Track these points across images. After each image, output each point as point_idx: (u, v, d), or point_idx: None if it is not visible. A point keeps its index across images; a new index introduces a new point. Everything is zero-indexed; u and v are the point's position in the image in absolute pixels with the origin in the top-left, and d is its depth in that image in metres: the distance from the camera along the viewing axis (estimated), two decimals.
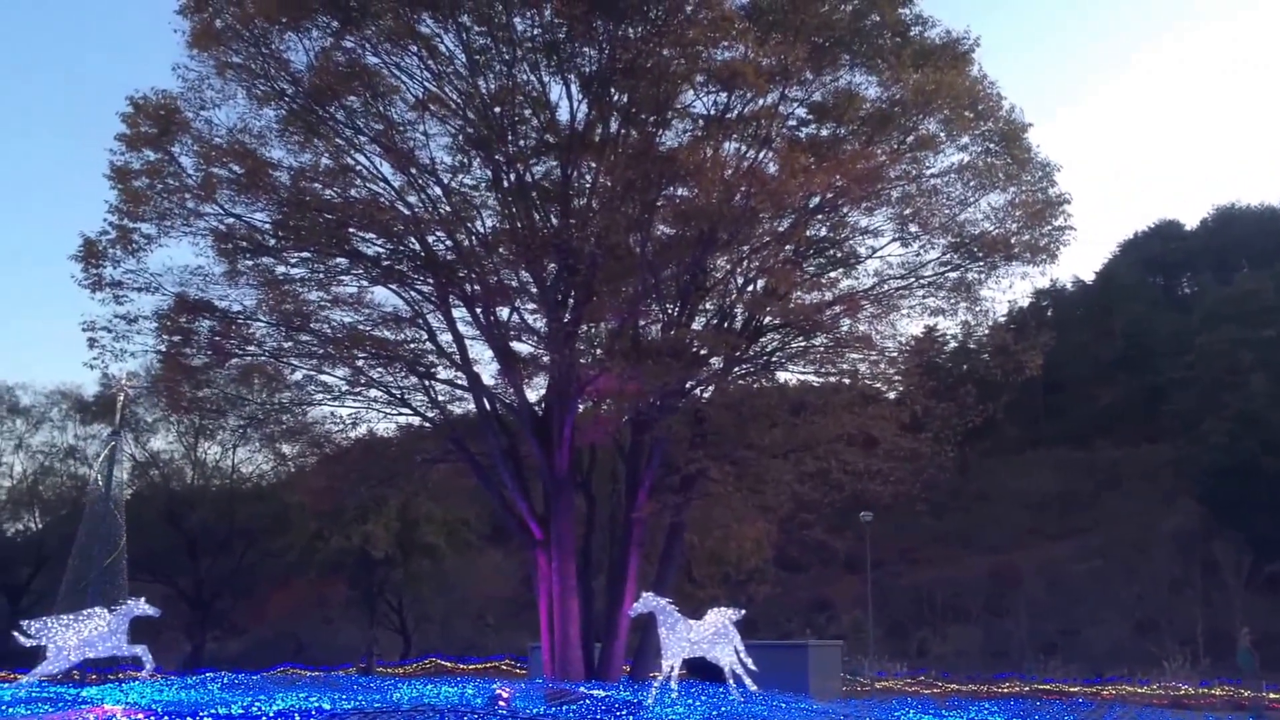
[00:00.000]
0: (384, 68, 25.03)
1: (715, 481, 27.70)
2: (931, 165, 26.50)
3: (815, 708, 18.22)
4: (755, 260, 26.96)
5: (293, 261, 26.84)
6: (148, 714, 13.77)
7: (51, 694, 21.38)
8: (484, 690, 21.25)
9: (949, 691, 39.17)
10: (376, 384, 28.30)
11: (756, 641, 23.78)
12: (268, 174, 25.42)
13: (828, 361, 28.08)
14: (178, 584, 57.92)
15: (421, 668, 48.83)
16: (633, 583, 27.15)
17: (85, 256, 25.10)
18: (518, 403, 27.45)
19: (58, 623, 23.27)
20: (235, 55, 24.53)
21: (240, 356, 27.44)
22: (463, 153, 26.28)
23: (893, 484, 27.46)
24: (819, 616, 63.11)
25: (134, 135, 24.80)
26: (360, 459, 31.32)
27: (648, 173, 24.41)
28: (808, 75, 25.47)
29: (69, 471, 61.73)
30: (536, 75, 25.50)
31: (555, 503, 26.55)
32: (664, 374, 24.53)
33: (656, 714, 15.70)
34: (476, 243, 26.64)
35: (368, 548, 53.22)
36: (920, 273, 27.32)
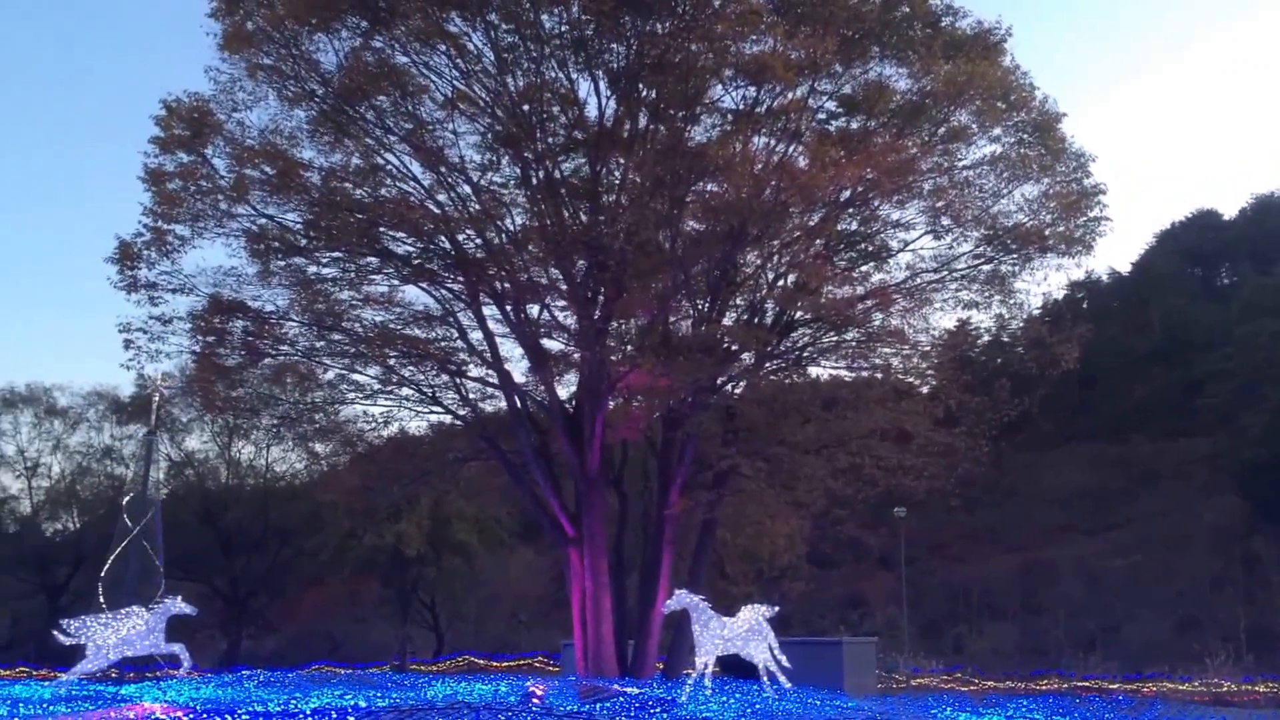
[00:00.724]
0: (413, 67, 25.07)
1: (747, 478, 27.59)
2: (964, 157, 26.28)
3: (850, 705, 18.06)
4: (786, 255, 26.81)
5: (324, 261, 26.97)
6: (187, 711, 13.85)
7: (91, 692, 21.62)
8: (518, 688, 21.29)
9: (986, 688, 38.84)
10: (408, 382, 28.40)
11: (790, 638, 23.69)
12: (299, 174, 25.55)
13: (860, 356, 27.84)
14: (213, 582, 58.47)
15: (455, 665, 49.04)
16: (665, 580, 27.09)
17: (121, 258, 25.34)
18: (549, 400, 27.44)
19: (96, 621, 23.52)
20: (266, 57, 24.68)
21: (273, 356, 27.62)
22: (492, 150, 26.29)
23: (926, 479, 27.24)
24: (852, 613, 62.73)
25: (167, 138, 25.02)
26: (392, 457, 31.45)
27: (677, 168, 24.33)
28: (837, 68, 25.27)
29: (106, 471, 62.49)
30: (564, 72, 25.46)
31: (587, 500, 26.52)
32: (695, 370, 24.45)
33: (691, 711, 15.64)
34: (506, 240, 26.65)
35: (400, 546, 53.47)
36: (953, 266, 27.05)
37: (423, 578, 57.49)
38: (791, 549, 46.79)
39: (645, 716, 15.01)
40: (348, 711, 13.13)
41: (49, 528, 64.85)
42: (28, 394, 62.25)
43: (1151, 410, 78.62)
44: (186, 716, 13.09)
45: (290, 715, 13.07)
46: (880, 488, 28.13)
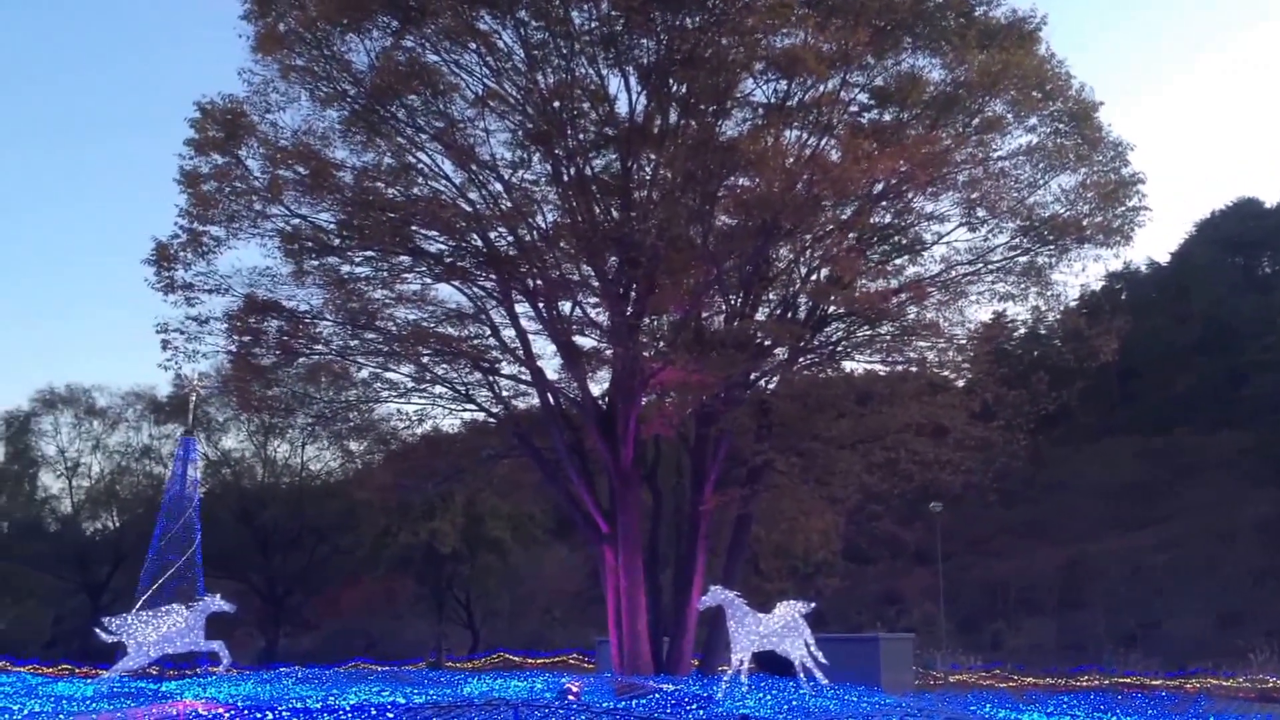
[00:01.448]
0: (443, 65, 25.16)
1: (782, 473, 27.47)
2: (999, 147, 25.98)
3: (888, 701, 17.90)
4: (818, 249, 26.65)
5: (357, 260, 27.13)
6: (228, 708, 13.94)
7: (132, 689, 21.83)
8: (553, 684, 21.29)
9: (1025, 685, 38.45)
10: (441, 380, 28.49)
11: (826, 635, 23.52)
12: (332, 174, 25.70)
13: (895, 350, 27.60)
14: (251, 580, 58.96)
15: (490, 662, 49.17)
16: (700, 576, 27.02)
17: (157, 260, 25.60)
18: (581, 397, 27.43)
19: (137, 619, 23.76)
20: (298, 58, 24.84)
21: (308, 355, 27.80)
22: (522, 148, 26.32)
23: (963, 474, 26.99)
24: (889, 609, 62.33)
25: (202, 140, 25.26)
26: (426, 455, 31.59)
27: (708, 163, 24.23)
28: (869, 60, 25.08)
29: (145, 471, 63.18)
30: (594, 68, 25.43)
31: (621, 497, 26.50)
32: (728, 366, 24.35)
33: (727, 708, 15.55)
34: (538, 237, 26.67)
35: (435, 543, 53.69)
36: (989, 258, 26.77)
37: (457, 575, 57.70)
38: (826, 545, 46.53)
39: (682, 713, 14.93)
40: (387, 708, 13.15)
41: (89, 527, 65.68)
42: (67, 395, 63.06)
43: (1194, 402, 77.48)
44: (228, 713, 13.16)
45: (331, 711, 13.12)
46: (916, 483, 27.90)
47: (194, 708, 15.54)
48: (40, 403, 62.88)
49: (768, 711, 14.96)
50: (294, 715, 12.87)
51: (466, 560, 56.31)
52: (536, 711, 12.94)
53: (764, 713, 14.78)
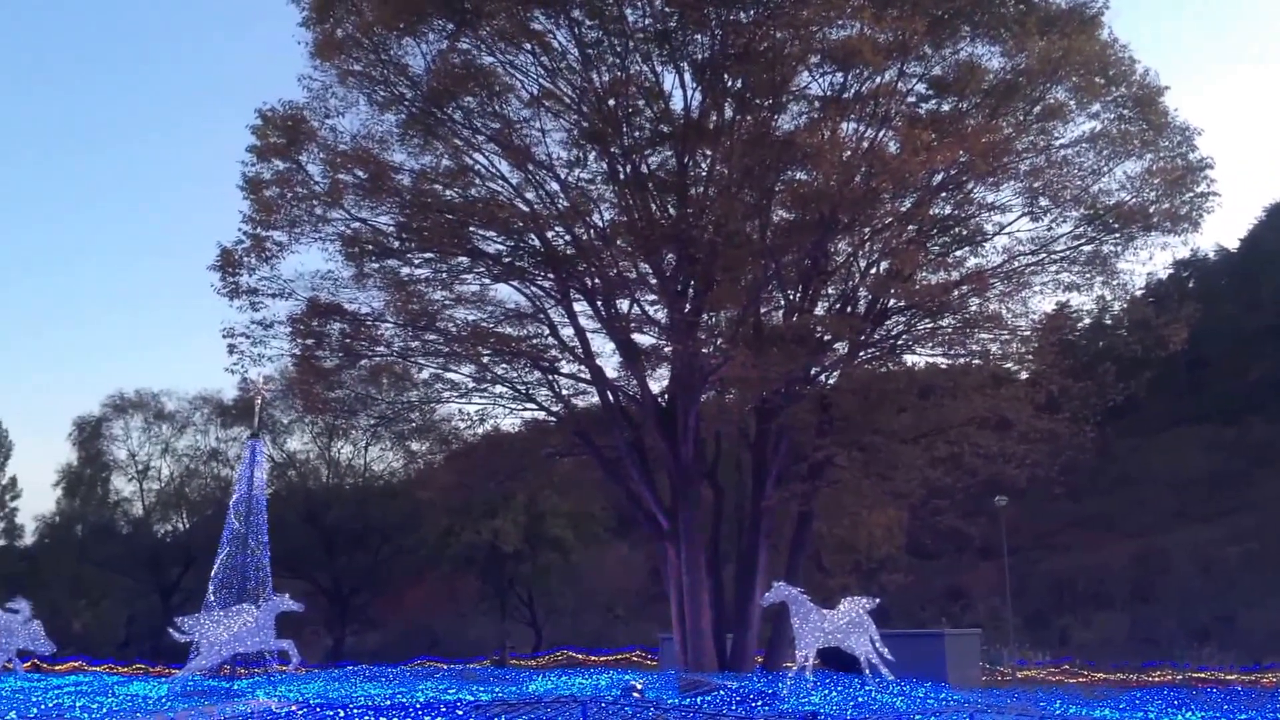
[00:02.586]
0: (499, 66, 25.33)
1: (843, 469, 27.25)
2: (1061, 135, 25.53)
3: (955, 697, 17.68)
4: (877, 242, 26.40)
5: (417, 262, 27.40)
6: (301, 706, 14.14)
7: (205, 688, 22.26)
8: (618, 682, 21.34)
9: (1096, 681, 37.77)
10: (501, 380, 28.64)
11: (891, 631, 23.30)
12: (390, 177, 26.00)
13: (957, 343, 27.23)
14: (317, 580, 59.82)
15: (554, 659, 49.38)
16: (763, 573, 26.91)
17: (223, 266, 26.06)
18: (641, 395, 27.43)
19: (209, 619, 24.20)
20: (356, 63, 25.17)
21: (369, 357, 28.13)
22: (578, 147, 26.37)
23: (1029, 467, 26.54)
24: (954, 605, 61.60)
25: (263, 146, 25.68)
26: (487, 455, 31.79)
27: (764, 158, 24.11)
28: (927, 49, 24.80)
29: (213, 473, 64.36)
30: (649, 65, 25.43)
31: (682, 494, 26.47)
32: (788, 361, 24.20)
33: (793, 705, 15.46)
34: (595, 236, 26.74)
35: (497, 542, 54.10)
36: (1052, 247, 26.31)
37: (520, 573, 58.08)
38: (890, 540, 46.19)
39: (747, 710, 14.88)
40: (456, 705, 13.26)
41: (160, 528, 67.06)
42: (137, 400, 64.43)
43: (1267, 390, 75.46)
44: (300, 711, 13.36)
45: (401, 709, 13.26)
46: (980, 476, 27.52)
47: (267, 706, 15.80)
48: (111, 408, 64.36)
49: (834, 708, 14.85)
50: (365, 713, 13.02)
51: (528, 559, 56.66)
52: (605, 709, 12.97)
53: (830, 709, 14.67)
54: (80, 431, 64.64)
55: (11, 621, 27.26)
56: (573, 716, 12.82)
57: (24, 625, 27.21)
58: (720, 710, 13.90)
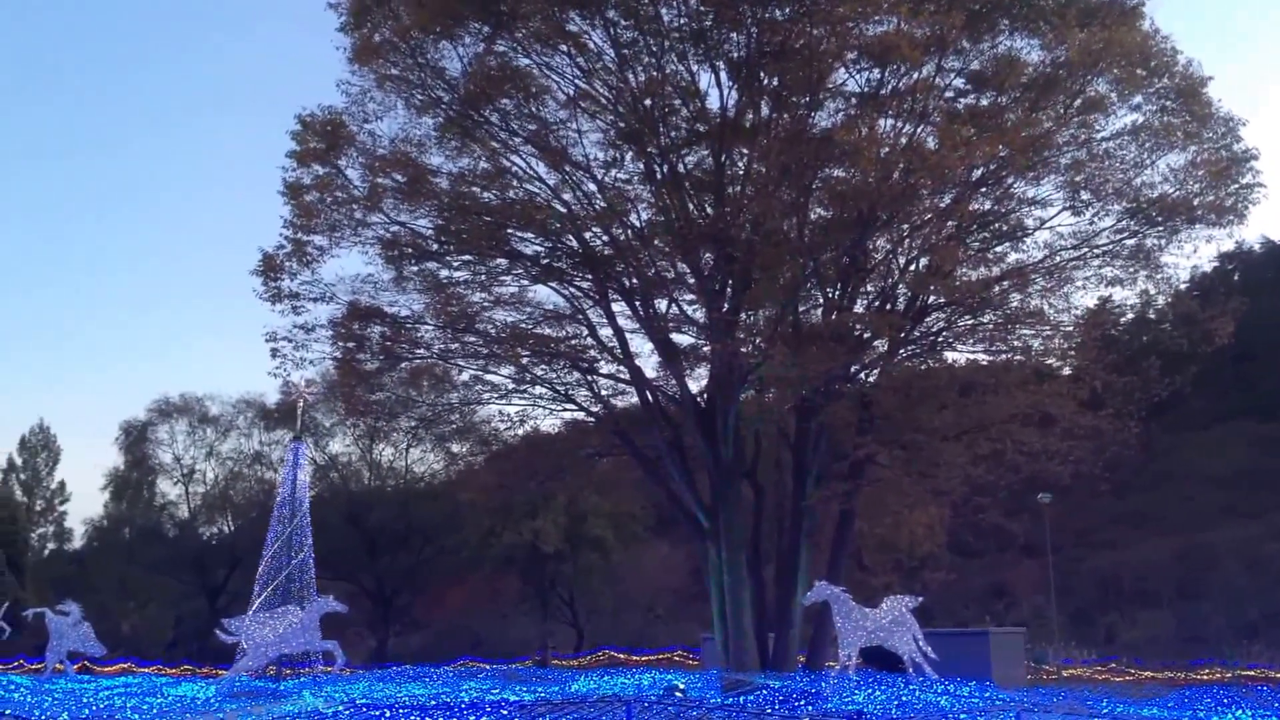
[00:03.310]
0: (535, 68, 25.43)
1: (884, 466, 27.10)
2: (1102, 128, 25.23)
3: (1001, 696, 17.54)
4: (917, 238, 26.22)
5: (455, 265, 27.58)
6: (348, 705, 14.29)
7: (252, 688, 22.54)
8: (660, 681, 21.38)
9: (1143, 679, 37.30)
10: (541, 381, 28.72)
11: (934, 630, 23.22)
12: (429, 181, 26.19)
13: (998, 339, 26.98)
14: (360, 582, 60.27)
15: (595, 659, 49.49)
16: (804, 572, 26.82)
17: (265, 270, 26.36)
18: (680, 394, 27.43)
19: (255, 620, 24.49)
20: (394, 67, 25.38)
21: (410, 359, 28.32)
22: (615, 147, 26.41)
23: (1072, 464, 26.28)
24: (997, 603, 61.03)
25: (303, 152, 25.95)
26: (527, 455, 31.91)
27: (802, 155, 24.01)
28: (964, 44, 24.64)
29: (256, 476, 65.00)
30: (685, 65, 25.41)
31: (722, 493, 26.44)
32: (827, 359, 24.09)
33: (836, 703, 15.41)
34: (632, 236, 26.77)
35: (538, 543, 54.27)
36: (1094, 242, 26.01)
37: (560, 573, 58.22)
38: (931, 538, 45.69)
39: (791, 709, 14.84)
40: (501, 705, 13.34)
41: (205, 531, 67.80)
42: (182, 404, 65.26)
43: None
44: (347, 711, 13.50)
45: (446, 709, 13.36)
46: (1023, 474, 27.25)
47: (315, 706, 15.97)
48: (156, 412, 65.23)
49: (879, 707, 14.78)
50: (411, 713, 13.13)
51: (569, 559, 56.78)
52: (650, 708, 12.99)
53: (875, 708, 14.60)
54: (127, 436, 65.60)
55: (62, 624, 27.76)
56: (617, 716, 12.85)
57: (74, 627, 27.72)
58: (764, 709, 13.87)
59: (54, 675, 27.10)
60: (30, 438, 71.64)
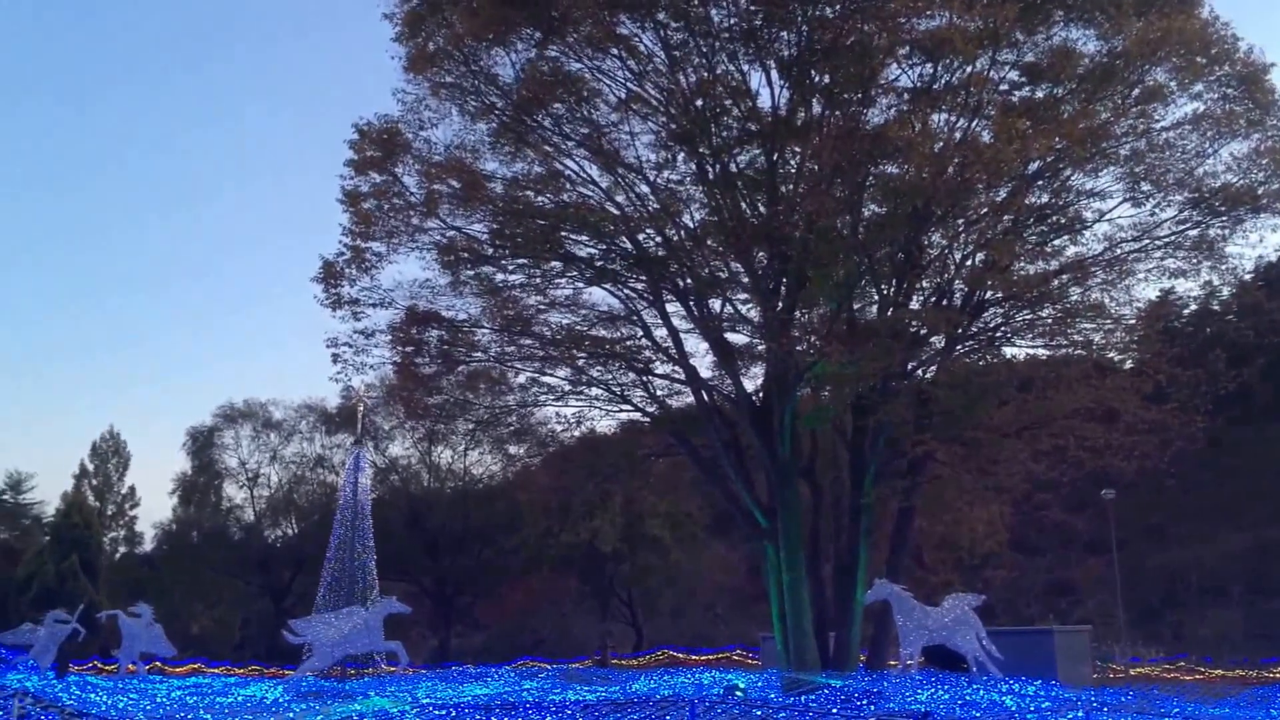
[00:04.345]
0: (586, 72, 25.55)
1: (943, 463, 26.89)
2: (1162, 118, 24.78)
3: (1068, 695, 17.34)
4: (973, 233, 25.95)
5: (511, 268, 27.80)
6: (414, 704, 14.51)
7: (319, 688, 22.92)
8: (721, 681, 21.41)
9: (1213, 677, 36.60)
10: (597, 382, 28.85)
11: (996, 628, 23.00)
12: (483, 186, 26.44)
13: (1058, 333, 26.59)
14: (421, 582, 61.00)
15: (655, 659, 49.60)
16: (864, 570, 26.70)
17: (325, 277, 26.78)
18: (736, 393, 27.43)
19: (321, 621, 24.91)
20: (448, 75, 25.66)
21: (467, 363, 28.62)
22: (667, 148, 26.45)
23: (1136, 459, 25.85)
24: (1060, 601, 60.18)
25: (360, 160, 26.35)
26: (584, 456, 32.09)
27: (855, 153, 23.87)
28: (1018, 36, 24.34)
29: (319, 480, 66.07)
30: (735, 65, 25.38)
31: (780, 492, 26.39)
32: (884, 357, 23.94)
33: (900, 703, 15.35)
34: (686, 237, 26.82)
35: (596, 543, 54.51)
36: (1155, 233, 25.57)
37: (619, 573, 58.43)
38: (993, 535, 45.20)
39: (853, 709, 14.81)
40: (565, 705, 13.47)
41: (270, 534, 68.98)
42: (246, 410, 66.55)
43: None
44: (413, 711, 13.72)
45: (510, 709, 13.53)
46: (1086, 469, 26.92)
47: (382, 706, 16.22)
48: (222, 418, 66.56)
49: (943, 707, 14.70)
50: (476, 712, 13.31)
51: (626, 559, 56.97)
52: (713, 708, 13.04)
53: (939, 708, 14.52)
54: (194, 441, 67.00)
55: (135, 625, 28.45)
56: (680, 716, 12.91)
57: (146, 629, 28.39)
58: (827, 709, 13.85)
59: (128, 676, 27.76)
60: (101, 444, 73.45)
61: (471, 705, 14.18)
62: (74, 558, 55.77)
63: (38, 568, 55.86)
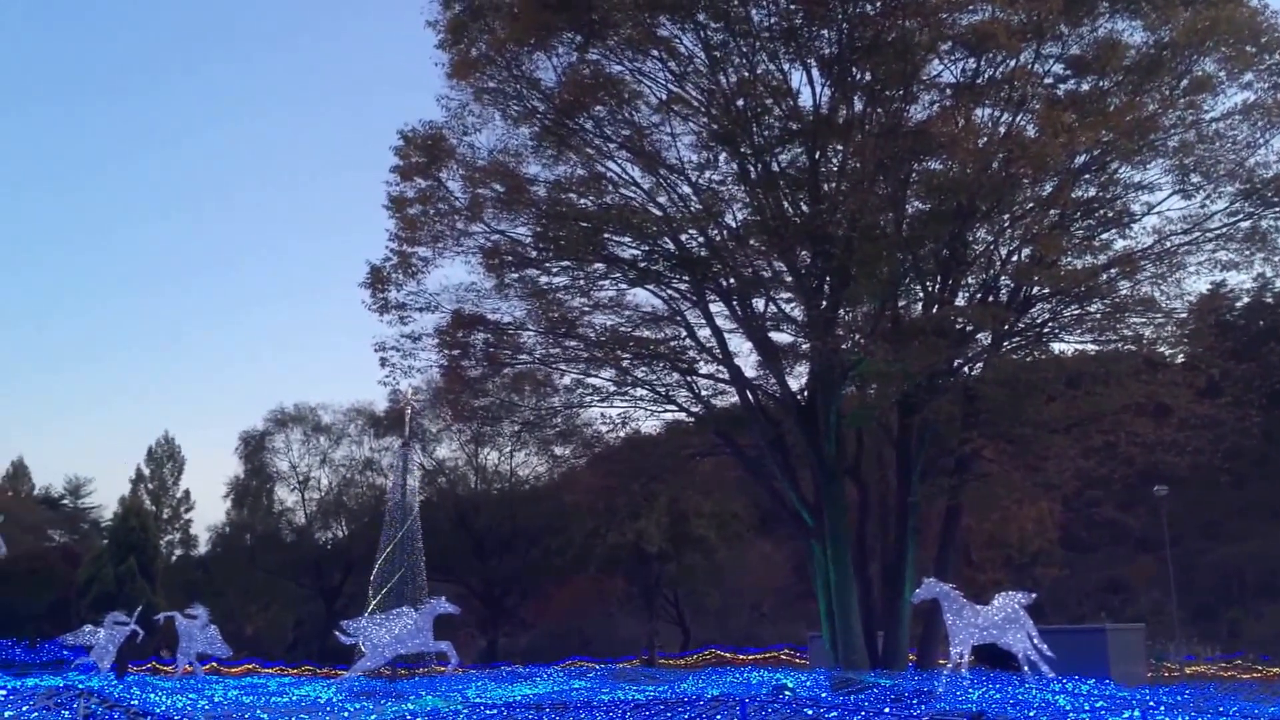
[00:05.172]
0: (627, 74, 25.70)
1: (991, 461, 26.70)
2: (1211, 108, 24.49)
3: (1123, 694, 17.15)
4: (1018, 228, 25.75)
5: (555, 271, 27.99)
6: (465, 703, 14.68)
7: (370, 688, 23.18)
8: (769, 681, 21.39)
9: (1271, 675, 35.95)
10: (641, 383, 28.97)
11: (1048, 626, 22.75)
12: (527, 189, 26.67)
13: (1107, 328, 26.34)
14: (469, 583, 61.42)
15: (702, 659, 49.58)
16: (911, 569, 26.58)
17: (372, 282, 27.14)
18: (781, 393, 27.42)
19: (371, 622, 25.19)
20: (490, 80, 25.92)
21: (512, 365, 28.85)
22: (708, 149, 26.52)
23: (1190, 454, 25.52)
24: (1113, 599, 59.38)
25: (406, 166, 26.67)
26: (629, 457, 32.21)
27: (897, 149, 23.82)
28: (1063, 29, 24.15)
29: (368, 482, 66.71)
30: (776, 64, 25.41)
31: (825, 491, 26.34)
32: (929, 354, 23.84)
33: (951, 703, 15.27)
34: (728, 237, 26.85)
35: (641, 543, 54.57)
36: (1206, 225, 25.17)
37: (665, 573, 58.49)
38: (1042, 533, 44.91)
39: (903, 709, 14.75)
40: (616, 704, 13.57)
41: (321, 536, 69.72)
42: (296, 414, 67.33)
43: None
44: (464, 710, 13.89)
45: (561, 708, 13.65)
46: (1138, 466, 26.63)
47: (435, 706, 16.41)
48: (273, 422, 67.39)
49: (995, 706, 14.59)
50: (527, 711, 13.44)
51: (672, 558, 57.00)
52: (764, 708, 13.08)
53: (991, 707, 14.43)
54: (246, 445, 67.90)
55: (191, 626, 28.92)
56: (731, 716, 12.95)
57: (202, 630, 28.85)
58: (879, 709, 13.83)
59: (185, 676, 28.24)
60: (157, 449, 74.83)
61: (522, 704, 14.32)
62: (132, 560, 56.75)
63: (97, 571, 56.89)
